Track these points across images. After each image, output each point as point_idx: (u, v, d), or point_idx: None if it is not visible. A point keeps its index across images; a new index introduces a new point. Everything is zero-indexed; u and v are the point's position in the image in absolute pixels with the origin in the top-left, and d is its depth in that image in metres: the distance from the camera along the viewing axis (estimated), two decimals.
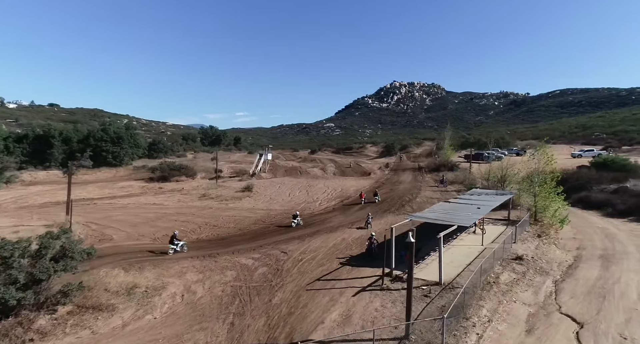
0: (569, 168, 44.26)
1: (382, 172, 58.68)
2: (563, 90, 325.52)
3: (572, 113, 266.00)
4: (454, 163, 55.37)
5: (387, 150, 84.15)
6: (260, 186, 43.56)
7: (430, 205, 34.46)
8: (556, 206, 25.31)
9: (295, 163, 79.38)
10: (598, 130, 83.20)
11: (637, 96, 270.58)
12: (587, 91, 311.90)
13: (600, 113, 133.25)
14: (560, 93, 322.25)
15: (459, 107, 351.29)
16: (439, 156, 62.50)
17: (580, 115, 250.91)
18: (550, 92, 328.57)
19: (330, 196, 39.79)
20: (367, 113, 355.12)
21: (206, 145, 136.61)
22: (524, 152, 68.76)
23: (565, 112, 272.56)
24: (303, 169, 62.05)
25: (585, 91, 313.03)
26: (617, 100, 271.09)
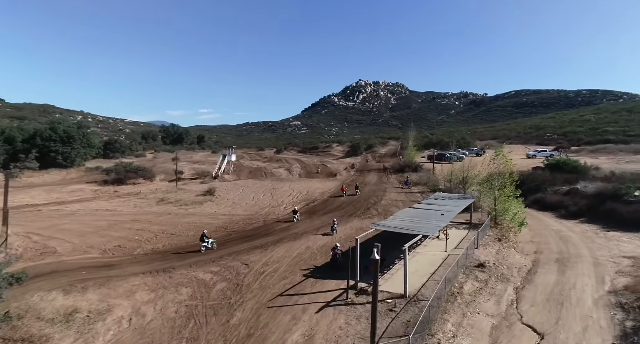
0: (525, 170, 46.02)
1: (348, 172, 58.52)
2: (518, 91, 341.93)
3: (526, 113, 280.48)
4: (417, 164, 56.15)
5: (353, 149, 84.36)
6: (223, 190, 41.95)
7: (395, 208, 34.58)
8: (515, 209, 25.89)
9: (260, 164, 77.79)
10: (550, 131, 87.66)
11: (582, 97, 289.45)
12: (539, 92, 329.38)
13: (551, 114, 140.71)
14: (515, 94, 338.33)
15: (422, 106, 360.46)
16: (403, 157, 63.23)
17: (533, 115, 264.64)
18: (507, 92, 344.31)
19: (296, 199, 38.93)
20: (334, 112, 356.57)
21: (167, 143, 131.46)
22: (484, 152, 71.22)
23: (520, 112, 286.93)
24: (268, 170, 60.72)
25: (538, 92, 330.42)
26: (565, 101, 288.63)
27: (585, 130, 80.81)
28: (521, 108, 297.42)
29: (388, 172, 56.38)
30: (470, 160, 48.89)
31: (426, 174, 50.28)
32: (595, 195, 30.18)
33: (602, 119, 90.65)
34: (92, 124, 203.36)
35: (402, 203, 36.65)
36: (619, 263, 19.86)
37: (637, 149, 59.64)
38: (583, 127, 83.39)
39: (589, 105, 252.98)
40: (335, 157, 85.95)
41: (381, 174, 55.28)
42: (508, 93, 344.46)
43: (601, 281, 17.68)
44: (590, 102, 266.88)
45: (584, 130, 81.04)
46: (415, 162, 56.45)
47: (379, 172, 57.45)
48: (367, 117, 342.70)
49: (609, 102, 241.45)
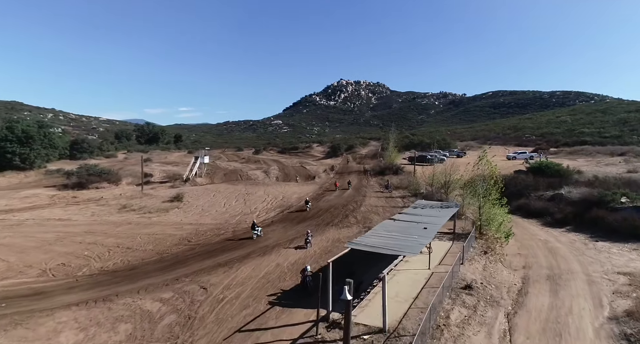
0: (506, 173, 44.80)
1: (327, 175, 56.26)
2: (495, 92, 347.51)
3: (503, 113, 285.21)
4: (398, 166, 54.39)
5: (333, 150, 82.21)
6: (192, 195, 38.96)
7: (375, 216, 32.51)
8: (501, 219, 24.15)
9: (237, 164, 74.74)
10: (528, 132, 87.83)
11: (557, 99, 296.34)
12: (515, 93, 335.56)
13: (528, 115, 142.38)
14: (492, 94, 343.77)
15: (403, 106, 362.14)
16: (384, 158, 61.43)
17: (510, 115, 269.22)
18: (484, 93, 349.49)
19: (270, 206, 36.35)
20: (315, 111, 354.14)
21: (143, 143, 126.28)
22: (464, 153, 70.22)
23: (497, 113, 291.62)
24: (244, 172, 57.85)
25: (514, 93, 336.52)
26: (540, 102, 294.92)
27: (562, 131, 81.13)
28: (498, 108, 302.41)
29: (368, 174, 54.45)
30: (453, 163, 47.53)
31: (407, 177, 48.54)
32: (581, 201, 28.86)
33: (577, 120, 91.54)
34: (63, 123, 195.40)
35: (383, 209, 34.64)
36: (614, 281, 18.23)
37: (613, 151, 59.62)
38: (560, 128, 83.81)
39: (563, 106, 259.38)
40: (315, 158, 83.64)
41: (361, 176, 53.26)
42: (486, 93, 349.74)
43: (599, 304, 15.92)
44: (563, 102, 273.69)
45: (561, 131, 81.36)
46: (396, 165, 54.67)
47: (359, 174, 55.44)
48: (348, 116, 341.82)
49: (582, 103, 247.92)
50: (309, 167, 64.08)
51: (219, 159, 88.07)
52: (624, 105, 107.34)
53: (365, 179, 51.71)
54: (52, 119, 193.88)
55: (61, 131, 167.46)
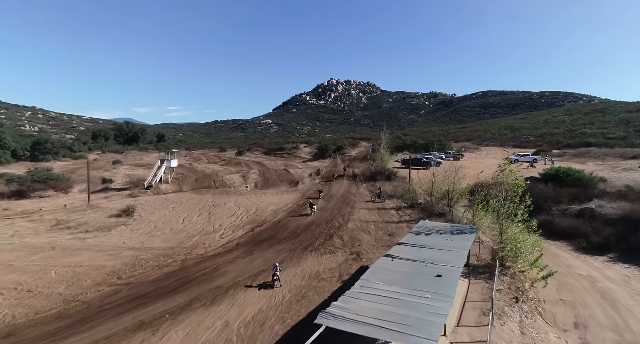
0: None
1: (312, 180, 49.79)
2: (485, 92, 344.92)
3: (493, 113, 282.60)
4: (391, 171, 48.17)
5: (321, 152, 75.80)
6: (148, 208, 32.17)
7: (366, 235, 26.09)
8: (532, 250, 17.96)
9: (216, 167, 67.90)
10: (525, 132, 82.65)
11: (546, 99, 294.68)
12: (505, 93, 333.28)
13: (522, 114, 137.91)
14: (482, 94, 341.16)
15: (393, 105, 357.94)
16: (375, 161, 55.20)
17: (500, 115, 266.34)
18: (474, 93, 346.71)
19: (239, 221, 29.75)
20: (305, 110, 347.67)
21: (121, 143, 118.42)
22: (462, 155, 64.35)
23: (487, 113, 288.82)
24: (219, 177, 51.05)
25: (503, 93, 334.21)
26: (529, 103, 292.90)
27: (562, 131, 75.99)
28: (488, 108, 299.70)
29: (358, 180, 48.19)
30: (451, 165, 41.29)
31: (401, 184, 42.37)
32: (621, 219, 22.98)
33: (576, 120, 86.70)
34: (42, 121, 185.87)
35: (374, 225, 28.37)
36: None
37: (623, 153, 54.30)
38: (559, 129, 78.70)
39: (552, 106, 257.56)
40: (302, 160, 77.17)
41: (350, 182, 46.95)
42: (475, 93, 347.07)
43: None
44: (553, 103, 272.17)
45: (560, 131, 76.22)
46: (388, 169, 48.44)
47: (348, 179, 49.17)
48: (338, 116, 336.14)
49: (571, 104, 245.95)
50: (293, 171, 57.55)
51: (199, 160, 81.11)
52: (623, 105, 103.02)
53: (355, 185, 45.44)
54: (30, 117, 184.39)
55: (37, 130, 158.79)
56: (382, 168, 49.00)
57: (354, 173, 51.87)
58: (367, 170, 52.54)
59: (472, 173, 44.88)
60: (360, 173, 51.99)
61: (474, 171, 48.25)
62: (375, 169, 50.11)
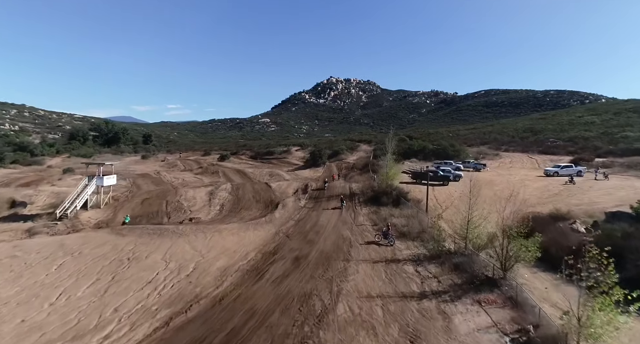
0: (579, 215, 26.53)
1: (296, 201, 37.39)
2: (487, 91, 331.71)
3: (496, 113, 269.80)
4: (400, 190, 35.82)
5: (314, 158, 63.36)
6: (16, 266, 19.85)
7: (367, 339, 14.00)
8: None
9: (189, 177, 55.63)
10: (550, 135, 70.29)
11: (550, 98, 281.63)
12: (508, 92, 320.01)
13: (538, 114, 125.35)
14: (485, 93, 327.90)
15: (393, 104, 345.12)
16: (377, 176, 42.72)
17: (503, 114, 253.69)
18: (476, 92, 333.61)
19: (154, 300, 17.32)
20: (304, 109, 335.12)
21: (100, 144, 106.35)
22: (484, 165, 51.88)
23: (490, 112, 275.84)
24: (177, 196, 38.63)
25: (506, 92, 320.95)
26: (534, 102, 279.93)
27: (596, 134, 63.62)
28: (491, 107, 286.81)
29: (356, 201, 35.91)
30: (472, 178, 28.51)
31: (416, 212, 30.05)
32: None
33: (607, 121, 74.22)
34: (28, 120, 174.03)
35: (383, 309, 16.08)
36: None
37: None
38: (592, 131, 66.30)
39: (557, 105, 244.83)
40: (292, 167, 64.88)
41: (346, 206, 34.68)
42: (478, 92, 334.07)
43: None
44: (557, 102, 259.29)
45: (594, 134, 63.86)
46: (396, 189, 36.04)
47: (344, 198, 36.97)
48: (338, 114, 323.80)
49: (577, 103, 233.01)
50: (276, 185, 45.17)
51: (173, 167, 68.84)
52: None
53: (352, 210, 33.21)
54: (15, 116, 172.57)
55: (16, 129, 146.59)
56: (388, 185, 36.64)
57: (351, 192, 39.56)
58: (368, 186, 40.21)
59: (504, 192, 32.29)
60: (359, 190, 39.66)
61: (506, 188, 35.82)
62: (379, 186, 37.76)
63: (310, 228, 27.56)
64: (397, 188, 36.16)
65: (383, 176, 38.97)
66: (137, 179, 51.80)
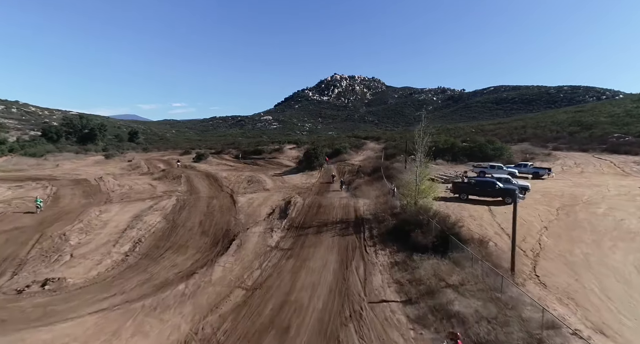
0: None
1: (266, 233, 21.75)
2: (497, 87, 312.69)
3: (507, 109, 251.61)
4: (445, 221, 19.97)
5: (307, 160, 47.49)
6: None
7: None
8: None
9: (141, 183, 40.35)
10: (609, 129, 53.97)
11: (564, 94, 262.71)
12: (519, 88, 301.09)
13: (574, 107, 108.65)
14: (494, 90, 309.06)
15: (399, 101, 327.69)
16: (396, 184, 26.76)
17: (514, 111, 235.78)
18: (485, 88, 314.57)
19: None
20: (307, 106, 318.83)
21: (75, 141, 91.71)
22: (548, 170, 35.61)
23: (500, 109, 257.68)
24: (77, 221, 23.22)
25: (517, 88, 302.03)
26: (547, 98, 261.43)
27: None
28: (501, 104, 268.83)
29: (366, 238, 20.31)
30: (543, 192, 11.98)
31: (491, 276, 14.29)
32: None
33: None
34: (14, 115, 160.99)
35: None
36: None
37: None
38: None
39: (572, 102, 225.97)
40: (280, 169, 49.29)
41: (351, 247, 19.14)
42: (487, 89, 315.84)
43: None
44: (572, 98, 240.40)
45: None
46: (436, 216, 20.15)
47: (349, 229, 21.45)
48: (342, 112, 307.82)
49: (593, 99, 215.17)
50: (245, 200, 29.56)
51: (136, 169, 53.66)
52: None
53: (359, 251, 17.73)
54: (2, 111, 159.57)
55: None
56: (421, 209, 20.88)
57: (357, 215, 23.88)
58: (384, 206, 24.51)
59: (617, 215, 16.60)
60: (371, 213, 23.97)
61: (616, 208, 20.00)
62: (404, 209, 22.02)
63: (270, 319, 12.07)
64: (436, 214, 20.43)
65: (409, 191, 23.23)
66: (64, 188, 36.62)
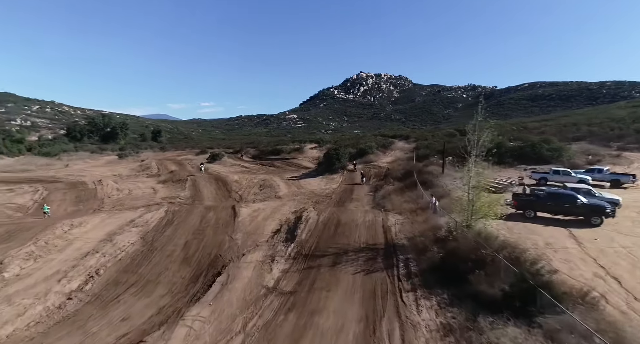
0: None
1: (265, 263, 16.15)
2: (532, 83, 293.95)
3: (543, 106, 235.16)
4: (513, 247, 13.55)
5: (328, 161, 41.55)
6: None
7: None
8: None
9: (142, 188, 35.93)
10: None
11: (607, 90, 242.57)
12: (556, 84, 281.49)
13: (629, 102, 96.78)
14: (529, 86, 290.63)
15: (427, 99, 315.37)
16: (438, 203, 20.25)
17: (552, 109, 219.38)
18: (519, 85, 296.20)
19: None
20: (333, 105, 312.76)
21: (97, 140, 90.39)
22: (632, 177, 27.85)
23: (537, 106, 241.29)
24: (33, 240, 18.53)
25: (554, 84, 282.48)
26: (587, 94, 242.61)
27: None
28: (537, 101, 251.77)
29: (401, 276, 14.21)
30: None
31: None
32: None
33: None
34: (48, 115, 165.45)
35: None
36: None
37: None
38: None
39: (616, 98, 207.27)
40: (298, 172, 43.70)
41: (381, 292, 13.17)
42: (521, 85, 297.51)
43: None
44: (616, 94, 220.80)
45: None
46: (506, 250, 13.71)
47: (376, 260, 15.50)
48: (368, 110, 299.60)
49: None
50: (249, 212, 24.14)
51: (145, 170, 49.72)
52: None
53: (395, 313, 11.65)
54: (37, 111, 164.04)
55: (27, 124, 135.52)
56: (481, 238, 14.50)
57: (388, 238, 17.73)
58: (423, 226, 18.23)
59: None
60: (405, 236, 17.76)
61: None
62: (456, 235, 15.70)
63: None
64: (504, 245, 14.02)
65: (459, 207, 16.88)
66: (56, 193, 32.60)
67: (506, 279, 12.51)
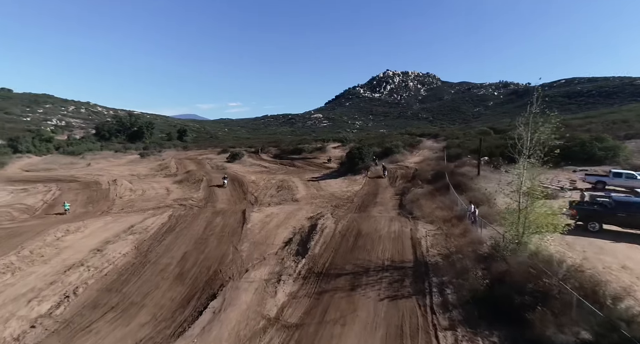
0: None
1: (270, 285, 13.54)
2: (569, 80, 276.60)
3: (582, 104, 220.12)
4: (586, 275, 10.21)
5: (350, 161, 38.52)
6: None
7: None
8: None
9: (156, 189, 34.50)
10: None
11: None
12: (596, 80, 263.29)
13: None
14: (565, 82, 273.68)
15: (455, 97, 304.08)
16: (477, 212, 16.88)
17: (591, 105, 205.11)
18: (555, 81, 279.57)
19: None
20: (358, 104, 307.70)
21: (124, 139, 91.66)
22: None
23: (574, 103, 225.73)
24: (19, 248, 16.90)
25: (594, 80, 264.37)
26: (631, 90, 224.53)
27: None
28: (575, 98, 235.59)
29: (435, 307, 11.17)
30: None
31: None
32: None
33: None
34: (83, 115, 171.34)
35: None
36: None
37: None
38: None
39: None
40: (319, 172, 40.98)
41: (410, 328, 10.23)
42: (557, 81, 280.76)
43: None
44: None
45: None
46: (567, 270, 10.40)
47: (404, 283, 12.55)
48: (394, 109, 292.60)
49: None
50: (260, 218, 21.73)
51: (163, 169, 48.71)
52: None
53: None
54: (72, 111, 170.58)
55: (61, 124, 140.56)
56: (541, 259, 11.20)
57: (417, 255, 14.62)
58: (461, 240, 15.02)
59: None
60: (439, 253, 14.63)
61: None
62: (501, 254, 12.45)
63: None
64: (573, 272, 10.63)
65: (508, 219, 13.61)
66: (68, 193, 31.59)
67: (580, 321, 9.25)
